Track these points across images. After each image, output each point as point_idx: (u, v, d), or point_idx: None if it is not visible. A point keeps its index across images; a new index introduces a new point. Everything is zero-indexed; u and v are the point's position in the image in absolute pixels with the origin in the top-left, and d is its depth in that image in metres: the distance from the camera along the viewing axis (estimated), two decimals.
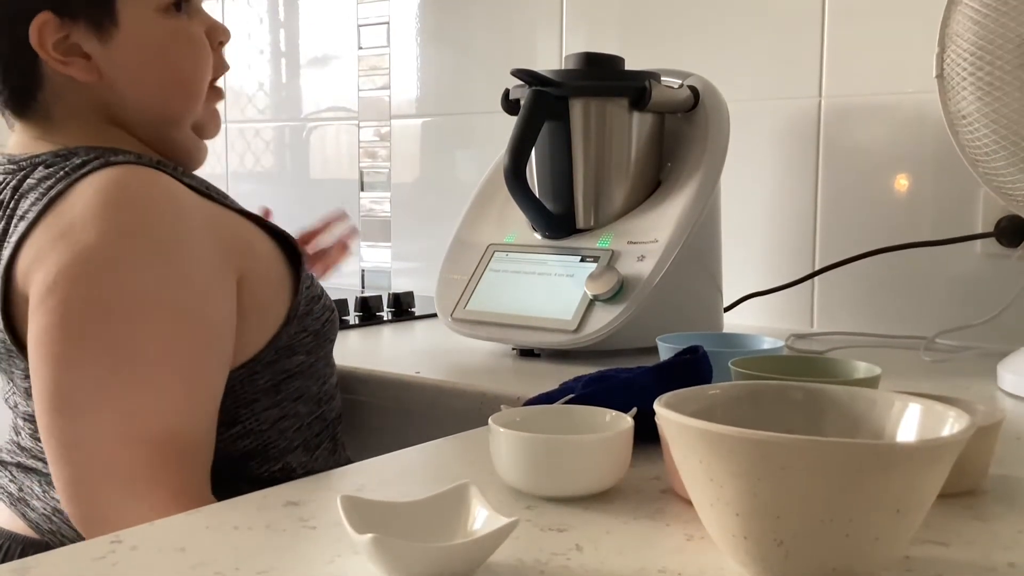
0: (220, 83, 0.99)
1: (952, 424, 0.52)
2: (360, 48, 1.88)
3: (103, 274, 0.76)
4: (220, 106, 1.00)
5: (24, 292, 0.79)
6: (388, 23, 1.84)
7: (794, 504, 0.47)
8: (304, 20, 1.97)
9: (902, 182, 1.35)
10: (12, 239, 0.80)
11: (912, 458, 0.47)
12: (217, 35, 0.95)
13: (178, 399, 0.77)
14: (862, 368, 0.78)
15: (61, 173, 0.82)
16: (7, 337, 0.81)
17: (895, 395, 0.57)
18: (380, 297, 1.53)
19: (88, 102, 0.88)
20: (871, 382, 0.75)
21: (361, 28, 1.87)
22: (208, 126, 0.97)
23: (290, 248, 0.92)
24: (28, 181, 0.83)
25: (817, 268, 1.39)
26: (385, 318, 1.49)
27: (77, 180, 0.80)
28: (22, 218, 0.81)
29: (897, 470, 0.46)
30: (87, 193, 0.79)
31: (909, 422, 0.55)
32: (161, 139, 0.92)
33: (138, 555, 0.55)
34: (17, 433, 0.90)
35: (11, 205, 0.83)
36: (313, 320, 0.93)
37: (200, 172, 0.98)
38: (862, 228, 1.37)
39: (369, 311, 1.48)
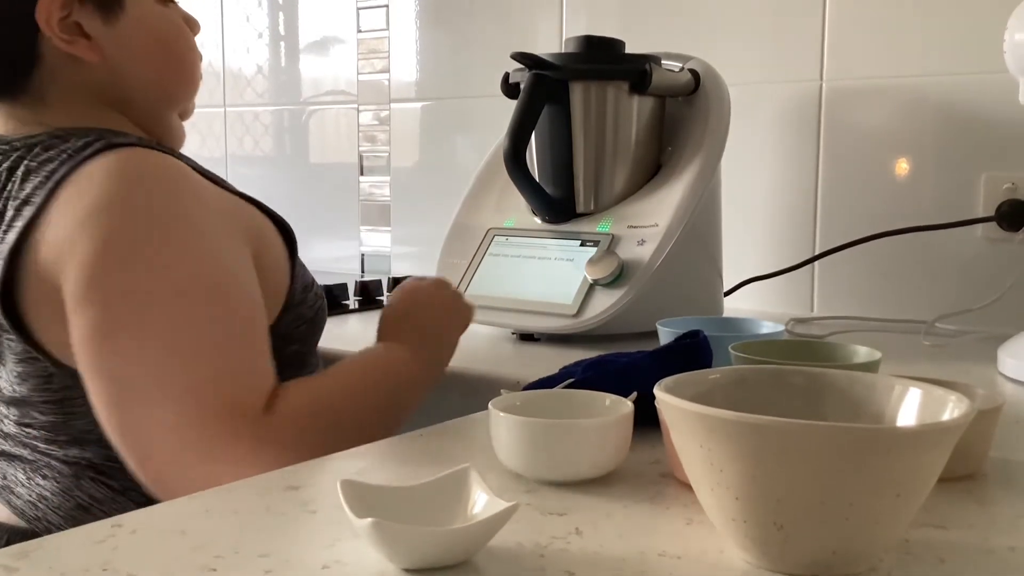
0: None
1: (952, 408, 0.52)
2: (359, 31, 1.87)
3: (135, 260, 0.76)
4: (218, 89, 1.01)
5: (48, 280, 0.78)
6: (387, 6, 1.83)
7: (794, 488, 0.47)
8: (303, 3, 1.96)
9: (903, 166, 1.35)
10: (18, 224, 0.79)
11: (912, 442, 0.47)
12: (194, 25, 0.98)
13: (234, 367, 0.76)
14: (862, 352, 0.78)
15: (64, 156, 0.81)
16: (4, 320, 0.80)
17: (895, 379, 0.57)
18: (380, 281, 1.53)
19: (84, 83, 0.88)
20: (871, 366, 0.75)
21: (360, 11, 1.87)
22: (189, 110, 1.00)
23: (286, 234, 0.92)
24: (27, 163, 0.82)
25: (817, 252, 1.39)
26: (385, 303, 1.49)
27: (82, 162, 0.79)
28: (26, 202, 0.80)
29: (897, 454, 0.46)
30: (99, 176, 0.78)
31: (909, 406, 0.55)
32: (155, 120, 0.93)
33: (138, 538, 0.55)
34: None
35: (8, 187, 0.82)
36: (307, 308, 0.93)
37: (199, 156, 0.98)
38: (863, 212, 1.36)
39: (369, 296, 1.48)
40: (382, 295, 1.51)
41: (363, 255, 1.91)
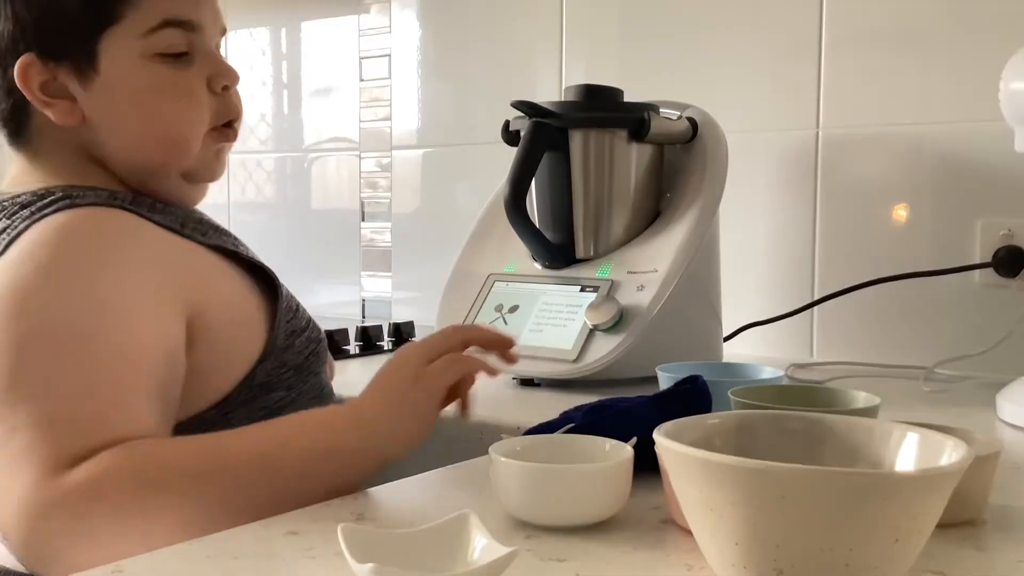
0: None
1: (950, 453, 0.52)
2: (362, 80, 1.90)
3: (18, 306, 0.75)
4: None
5: None
6: (390, 55, 1.85)
7: (793, 533, 0.47)
8: (306, 52, 1.99)
9: (900, 212, 1.36)
10: None
11: (911, 487, 0.47)
12: (220, 80, 0.91)
13: (72, 423, 0.71)
14: (861, 398, 0.78)
15: (28, 212, 0.82)
16: None
17: (893, 424, 0.57)
18: (381, 327, 1.53)
19: (70, 141, 0.89)
20: (870, 412, 0.75)
21: (363, 60, 1.89)
22: (204, 171, 0.93)
23: (268, 282, 0.90)
24: (4, 221, 0.83)
25: (816, 298, 1.39)
26: (386, 348, 1.49)
27: (37, 220, 0.80)
28: None
29: (896, 499, 0.46)
30: (33, 233, 0.79)
31: (907, 451, 0.55)
32: (143, 186, 0.91)
33: None
34: None
35: None
36: (294, 354, 0.90)
37: (202, 203, 0.98)
38: (861, 258, 1.37)
39: (370, 341, 1.49)
40: (383, 340, 1.51)
41: (364, 300, 1.92)
